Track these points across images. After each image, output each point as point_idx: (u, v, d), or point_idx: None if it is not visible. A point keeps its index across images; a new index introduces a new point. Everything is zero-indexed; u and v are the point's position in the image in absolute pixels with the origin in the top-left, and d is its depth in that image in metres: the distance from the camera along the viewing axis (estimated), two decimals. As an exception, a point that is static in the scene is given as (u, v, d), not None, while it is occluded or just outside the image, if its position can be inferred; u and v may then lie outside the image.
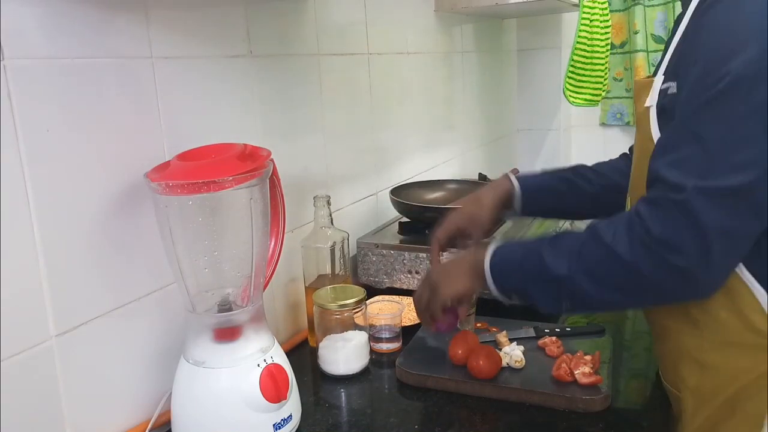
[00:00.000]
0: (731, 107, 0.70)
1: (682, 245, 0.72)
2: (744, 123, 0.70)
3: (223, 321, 0.87)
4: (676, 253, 0.72)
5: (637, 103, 0.86)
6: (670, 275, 0.74)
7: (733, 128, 0.70)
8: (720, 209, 0.71)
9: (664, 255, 0.73)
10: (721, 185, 0.70)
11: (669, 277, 0.74)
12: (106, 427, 0.88)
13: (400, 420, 0.93)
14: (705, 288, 0.76)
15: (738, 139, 0.70)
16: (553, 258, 0.82)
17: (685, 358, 0.84)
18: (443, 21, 1.87)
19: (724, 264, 0.75)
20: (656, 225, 0.73)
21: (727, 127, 0.71)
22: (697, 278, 0.74)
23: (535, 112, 2.49)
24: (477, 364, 0.98)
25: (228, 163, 0.82)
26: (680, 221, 0.72)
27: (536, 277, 0.84)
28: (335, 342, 1.07)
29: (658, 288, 0.77)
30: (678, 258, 0.72)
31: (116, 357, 0.89)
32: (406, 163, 1.69)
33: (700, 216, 0.70)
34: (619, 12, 2.35)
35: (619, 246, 0.76)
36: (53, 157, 0.78)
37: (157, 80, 0.92)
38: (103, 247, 0.86)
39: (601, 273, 0.79)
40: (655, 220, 0.74)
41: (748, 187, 0.70)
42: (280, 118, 1.19)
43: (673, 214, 0.72)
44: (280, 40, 1.18)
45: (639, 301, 0.88)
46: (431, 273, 0.98)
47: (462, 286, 0.93)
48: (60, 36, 0.78)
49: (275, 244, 0.97)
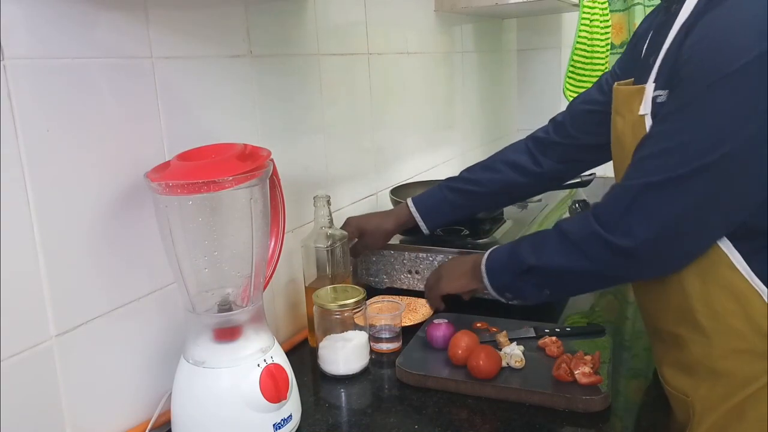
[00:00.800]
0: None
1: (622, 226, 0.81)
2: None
3: (223, 321, 0.87)
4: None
5: (626, 110, 0.86)
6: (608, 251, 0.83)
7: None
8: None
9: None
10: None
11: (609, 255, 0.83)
12: (106, 427, 0.88)
13: (400, 420, 0.93)
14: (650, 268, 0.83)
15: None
16: (526, 251, 0.93)
17: (694, 366, 0.84)
18: (443, 21, 1.87)
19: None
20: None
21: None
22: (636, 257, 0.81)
23: (535, 112, 2.49)
24: (477, 364, 0.98)
25: (228, 163, 0.82)
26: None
27: (516, 271, 0.95)
28: (335, 342, 1.07)
29: (604, 268, 0.86)
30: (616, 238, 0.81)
31: (116, 357, 0.89)
32: (406, 162, 1.69)
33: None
34: (619, 12, 2.34)
35: (566, 224, 0.89)
36: (53, 157, 0.78)
37: (157, 80, 0.92)
38: (103, 247, 0.86)
39: (555, 250, 0.89)
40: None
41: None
42: (280, 118, 1.19)
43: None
44: (280, 40, 1.18)
45: (600, 272, 0.90)
46: (441, 266, 1.16)
47: (459, 285, 1.09)
48: (60, 36, 0.78)
49: (275, 244, 0.97)
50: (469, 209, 1.27)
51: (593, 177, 1.69)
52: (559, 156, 1.19)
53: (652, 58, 0.85)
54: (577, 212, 1.21)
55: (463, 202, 1.24)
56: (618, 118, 0.89)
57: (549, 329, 1.13)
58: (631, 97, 0.85)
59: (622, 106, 0.88)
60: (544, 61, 2.43)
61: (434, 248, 1.30)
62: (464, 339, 1.03)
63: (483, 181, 1.23)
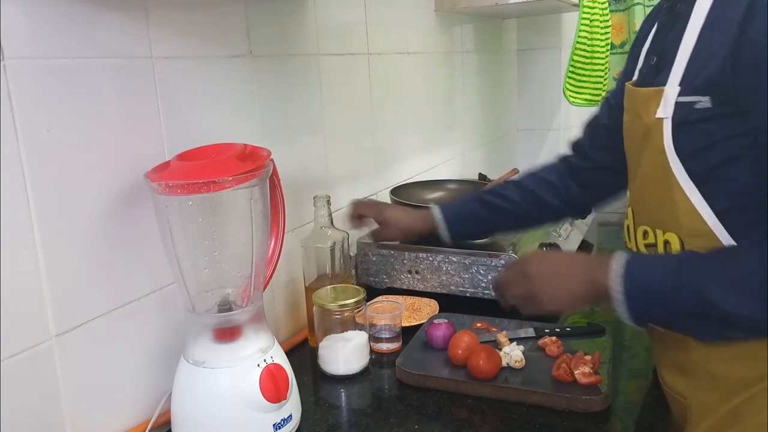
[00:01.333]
0: None
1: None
2: None
3: (223, 321, 0.87)
4: None
5: (642, 111, 0.82)
6: None
7: None
8: None
9: None
10: None
11: None
12: (106, 427, 0.88)
13: (400, 420, 0.93)
14: None
15: None
16: (723, 295, 0.72)
17: (693, 368, 0.83)
18: (443, 21, 1.87)
19: None
20: None
21: None
22: None
23: (535, 112, 2.49)
24: (477, 364, 0.98)
25: (228, 163, 0.82)
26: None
27: (700, 314, 0.75)
28: (335, 342, 1.07)
29: None
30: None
31: (116, 357, 0.89)
32: (406, 163, 1.69)
33: None
34: (619, 12, 2.34)
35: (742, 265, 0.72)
36: (53, 157, 0.78)
37: (157, 80, 0.92)
38: (103, 247, 0.86)
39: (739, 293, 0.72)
40: None
41: None
42: (280, 118, 1.19)
43: None
44: (280, 40, 1.18)
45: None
46: (529, 273, 0.87)
47: (569, 304, 0.86)
48: (60, 36, 0.78)
49: (275, 244, 0.97)
50: (493, 225, 1.19)
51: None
52: (580, 179, 1.12)
53: (653, 59, 0.84)
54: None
55: (490, 216, 1.16)
56: (635, 118, 0.85)
57: (549, 329, 1.13)
58: (648, 99, 0.81)
59: (640, 107, 0.83)
60: (544, 61, 2.43)
61: (434, 248, 1.29)
62: (464, 339, 1.03)
63: (512, 197, 1.14)
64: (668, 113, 0.78)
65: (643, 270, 0.80)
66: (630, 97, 0.89)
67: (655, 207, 0.83)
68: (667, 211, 0.81)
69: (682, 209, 0.79)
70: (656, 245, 0.84)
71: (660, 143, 0.79)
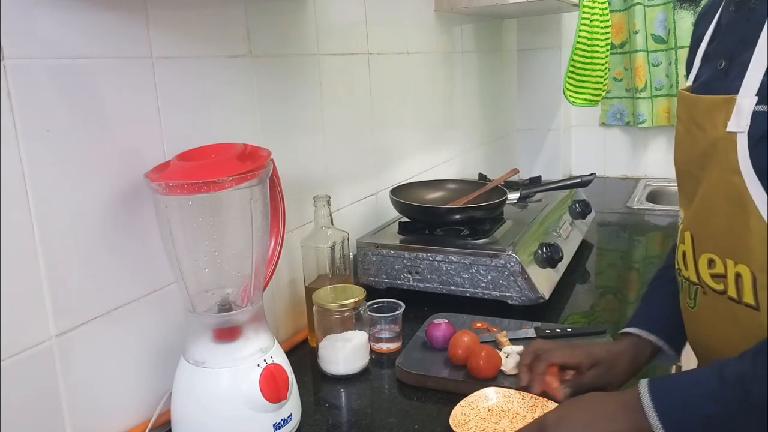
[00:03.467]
0: None
1: None
2: None
3: (223, 321, 0.87)
4: None
5: (707, 124, 0.73)
6: None
7: None
8: None
9: None
10: None
11: None
12: (106, 427, 0.88)
13: (400, 420, 0.93)
14: None
15: None
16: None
17: None
18: (443, 21, 1.87)
19: None
20: None
21: None
22: None
23: (535, 112, 2.49)
24: (477, 364, 0.98)
25: (228, 163, 0.82)
26: None
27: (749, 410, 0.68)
28: (335, 342, 1.07)
29: None
30: None
31: (116, 357, 0.89)
32: (406, 163, 1.69)
33: None
34: (619, 12, 2.35)
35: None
36: (53, 157, 0.78)
37: (157, 80, 0.92)
38: (103, 247, 0.86)
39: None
40: None
41: None
42: (280, 118, 1.19)
43: None
44: (280, 40, 1.18)
45: None
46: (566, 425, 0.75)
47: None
48: (60, 36, 0.79)
49: (275, 244, 0.97)
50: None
51: (593, 177, 1.69)
52: None
53: (722, 62, 0.75)
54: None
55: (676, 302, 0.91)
56: (694, 129, 0.76)
57: (549, 329, 1.13)
58: (714, 108, 0.72)
59: (702, 117, 0.74)
60: (544, 61, 2.43)
61: (434, 248, 1.29)
62: (464, 339, 1.03)
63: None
64: (743, 126, 0.68)
65: (679, 409, 0.72)
66: (687, 106, 0.79)
67: (724, 234, 0.74)
68: (738, 239, 0.72)
69: (757, 238, 0.69)
70: (726, 276, 0.75)
71: (732, 161, 0.70)
